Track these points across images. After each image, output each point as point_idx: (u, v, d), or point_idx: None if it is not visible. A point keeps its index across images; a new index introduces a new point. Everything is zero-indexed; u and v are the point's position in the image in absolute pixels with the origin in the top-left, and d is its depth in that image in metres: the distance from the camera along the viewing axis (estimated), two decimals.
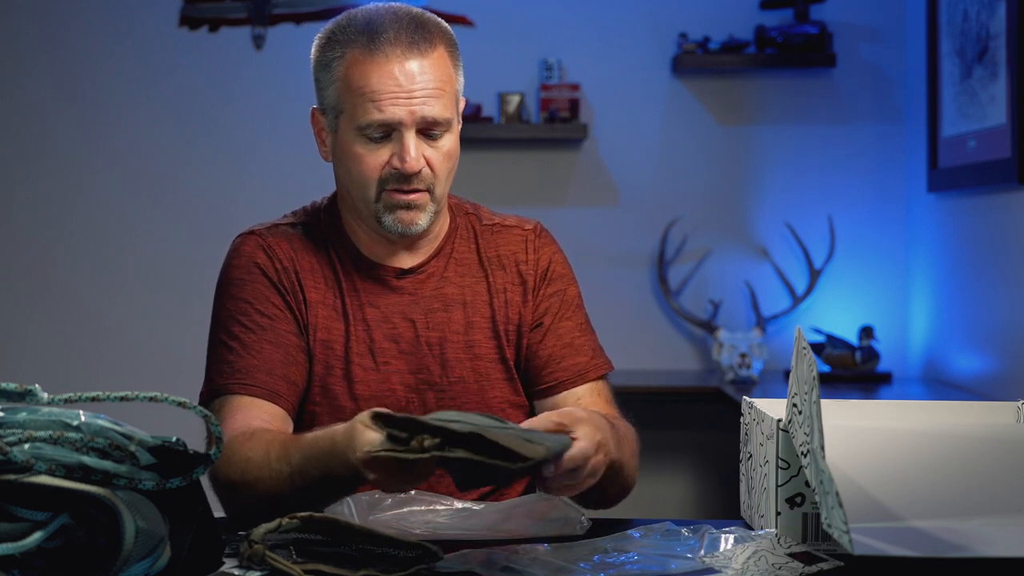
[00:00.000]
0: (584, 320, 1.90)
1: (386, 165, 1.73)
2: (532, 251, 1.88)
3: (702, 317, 4.00)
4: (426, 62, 1.71)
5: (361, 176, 1.74)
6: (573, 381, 1.85)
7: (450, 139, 1.76)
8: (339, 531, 1.34)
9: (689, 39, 3.97)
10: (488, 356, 1.83)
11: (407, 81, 1.70)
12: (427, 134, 1.73)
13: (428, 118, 1.71)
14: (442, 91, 1.72)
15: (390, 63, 1.70)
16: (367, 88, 1.70)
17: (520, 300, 1.85)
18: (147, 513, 1.19)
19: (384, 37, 1.71)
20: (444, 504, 1.63)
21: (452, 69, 1.76)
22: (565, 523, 1.56)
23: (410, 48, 1.71)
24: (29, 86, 4.07)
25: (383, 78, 1.70)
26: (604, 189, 4.06)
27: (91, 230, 4.09)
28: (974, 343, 3.53)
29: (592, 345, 1.89)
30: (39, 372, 4.03)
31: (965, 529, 1.35)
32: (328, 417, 1.75)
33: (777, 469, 1.48)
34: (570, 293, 1.89)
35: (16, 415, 1.18)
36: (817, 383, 1.31)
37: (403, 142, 1.71)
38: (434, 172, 1.74)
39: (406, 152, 1.71)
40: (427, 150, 1.73)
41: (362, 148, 1.73)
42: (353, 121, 1.72)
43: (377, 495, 1.61)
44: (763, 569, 1.36)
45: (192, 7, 4.06)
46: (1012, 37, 3.20)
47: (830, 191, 4.03)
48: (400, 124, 1.71)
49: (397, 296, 1.82)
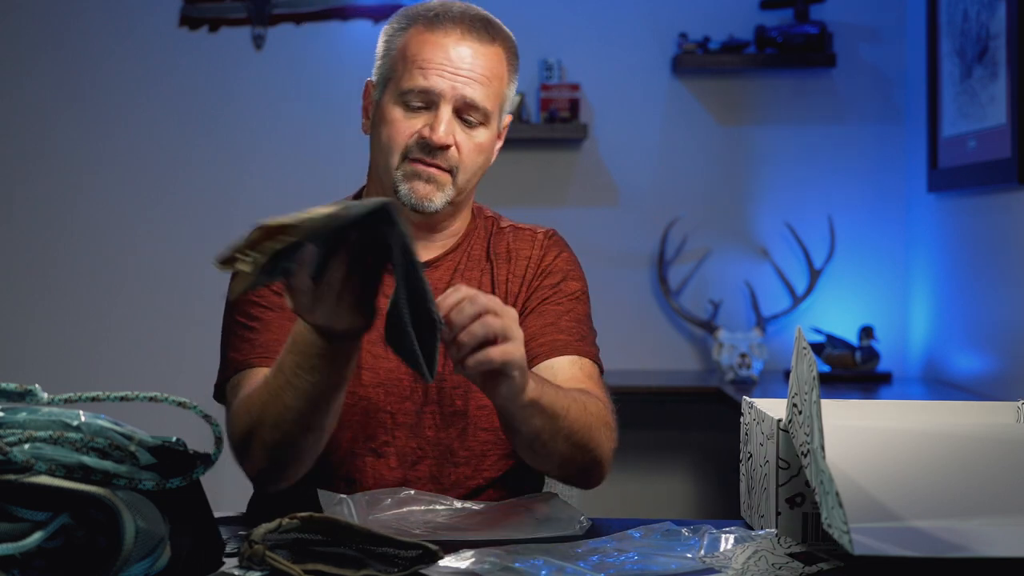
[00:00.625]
0: (580, 313, 1.87)
1: (416, 134, 1.75)
2: (538, 248, 1.89)
3: (702, 317, 4.00)
4: (480, 49, 1.77)
5: (390, 140, 1.77)
6: (548, 354, 1.79)
7: (484, 134, 1.79)
8: (339, 531, 1.34)
9: (689, 39, 3.97)
10: None
11: (457, 59, 1.75)
12: (464, 119, 1.76)
13: (467, 99, 1.75)
14: (488, 81, 1.77)
15: (447, 38, 1.76)
16: (419, 56, 1.76)
17: (517, 290, 1.86)
18: (147, 513, 1.19)
19: (448, 17, 1.78)
20: (444, 504, 1.63)
21: (504, 72, 1.81)
22: (565, 523, 1.56)
23: (469, 32, 1.77)
24: (29, 86, 4.07)
25: (436, 50, 1.75)
26: (604, 189, 4.06)
27: (91, 230, 4.09)
28: (974, 343, 3.53)
29: (581, 332, 1.84)
30: (39, 372, 4.03)
31: (965, 529, 1.35)
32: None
33: (777, 469, 1.48)
34: (569, 287, 1.88)
35: (16, 415, 1.18)
36: (817, 383, 1.31)
37: (438, 114, 1.75)
38: (461, 157, 1.77)
39: (438, 123, 1.74)
40: (459, 133, 1.76)
41: (399, 113, 1.77)
42: (398, 87, 1.77)
43: (377, 495, 1.62)
44: (763, 569, 1.36)
45: (192, 7, 4.06)
46: (1012, 37, 3.20)
47: (830, 191, 4.03)
48: (439, 96, 1.74)
49: None
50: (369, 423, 1.78)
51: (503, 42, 1.81)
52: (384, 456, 1.78)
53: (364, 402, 1.79)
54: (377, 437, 1.78)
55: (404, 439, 1.79)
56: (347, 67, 4.04)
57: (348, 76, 4.04)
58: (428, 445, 1.80)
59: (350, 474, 1.78)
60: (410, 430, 1.80)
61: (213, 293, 4.37)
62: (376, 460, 1.78)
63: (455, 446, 1.81)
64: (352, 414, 1.77)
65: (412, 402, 1.80)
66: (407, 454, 1.78)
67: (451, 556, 1.34)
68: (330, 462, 1.78)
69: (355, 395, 1.77)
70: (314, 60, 4.06)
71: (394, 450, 1.78)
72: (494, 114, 1.80)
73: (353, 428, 1.78)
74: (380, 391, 1.79)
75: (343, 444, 1.78)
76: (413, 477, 1.79)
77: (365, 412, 1.78)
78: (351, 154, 4.05)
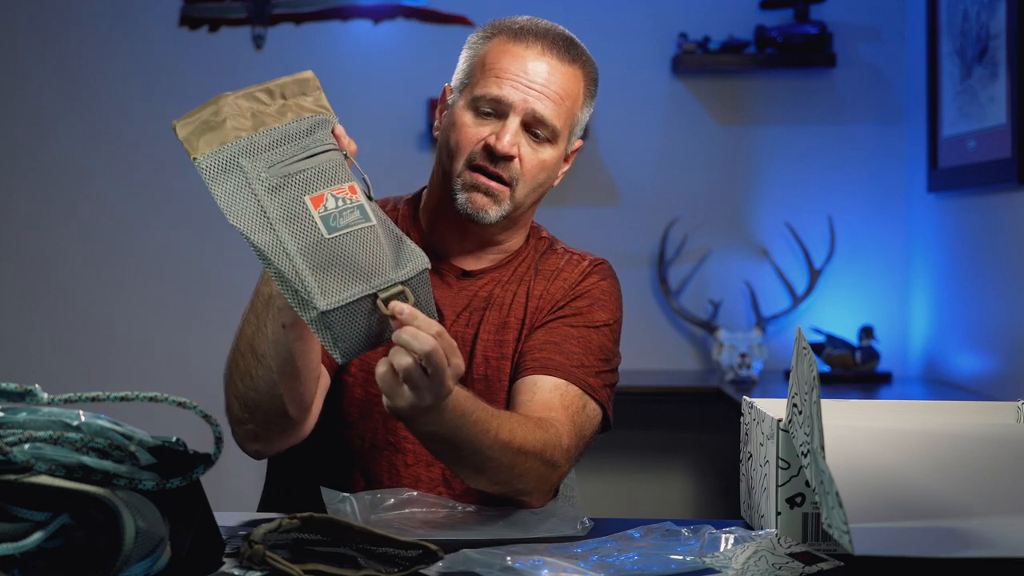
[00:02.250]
0: (593, 344, 1.80)
1: (482, 140, 1.76)
2: (580, 273, 1.88)
3: (702, 317, 4.00)
4: (559, 67, 1.79)
5: (457, 144, 1.78)
6: (536, 370, 1.75)
7: (550, 152, 1.79)
8: (339, 531, 1.34)
9: (689, 39, 3.97)
10: (514, 356, 1.84)
11: (534, 72, 1.77)
12: (531, 132, 1.77)
13: (537, 114, 1.76)
14: (561, 100, 1.78)
15: (528, 51, 1.78)
16: (496, 65, 1.77)
17: (547, 307, 1.84)
18: (147, 513, 1.19)
19: (533, 32, 1.80)
20: (445, 505, 1.63)
21: (580, 94, 1.82)
22: (567, 523, 1.56)
23: (550, 49, 1.79)
24: (29, 86, 4.07)
25: (514, 61, 1.77)
26: (604, 189, 4.06)
27: (90, 229, 4.09)
28: (974, 343, 3.53)
29: (584, 361, 1.78)
30: (39, 372, 4.03)
31: (965, 529, 1.35)
32: (360, 389, 1.79)
33: (777, 469, 1.48)
34: (594, 314, 1.83)
35: (16, 415, 1.18)
36: (817, 383, 1.31)
37: (505, 123, 1.75)
38: (523, 170, 1.77)
39: (504, 132, 1.75)
40: (525, 146, 1.77)
41: (469, 118, 1.78)
42: (472, 92, 1.78)
43: (379, 495, 1.62)
44: (763, 569, 1.36)
45: (192, 7, 4.06)
46: (1012, 37, 3.20)
47: (830, 191, 4.03)
48: (510, 106, 1.75)
49: (453, 292, 1.84)
50: (388, 419, 1.79)
51: (583, 66, 1.82)
52: (402, 452, 1.80)
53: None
54: (396, 433, 1.80)
55: None
56: (347, 67, 4.05)
57: (348, 76, 4.05)
58: None
59: (367, 468, 1.80)
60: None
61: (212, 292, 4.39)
62: (393, 456, 1.80)
63: None
64: (372, 410, 1.79)
65: None
66: (423, 454, 1.79)
67: (451, 556, 1.34)
68: (350, 454, 1.79)
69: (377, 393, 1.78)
70: (314, 60, 4.06)
71: (411, 447, 1.79)
72: (563, 134, 1.80)
73: (373, 423, 1.80)
74: None
75: (366, 437, 1.80)
76: (427, 477, 1.80)
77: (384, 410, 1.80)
78: None
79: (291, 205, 1.40)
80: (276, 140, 1.44)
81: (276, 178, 1.41)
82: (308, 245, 1.39)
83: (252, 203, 1.39)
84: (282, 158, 1.42)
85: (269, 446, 1.67)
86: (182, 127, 1.41)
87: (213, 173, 1.40)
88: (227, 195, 1.40)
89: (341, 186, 1.44)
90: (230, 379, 1.62)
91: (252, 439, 1.65)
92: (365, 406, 1.80)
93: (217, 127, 1.41)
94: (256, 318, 1.56)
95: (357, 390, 1.79)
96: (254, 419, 1.61)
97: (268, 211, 1.39)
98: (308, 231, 1.39)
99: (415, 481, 1.79)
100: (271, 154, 1.42)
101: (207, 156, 1.40)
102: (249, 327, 1.57)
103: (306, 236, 1.39)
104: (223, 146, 1.41)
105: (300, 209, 1.40)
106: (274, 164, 1.42)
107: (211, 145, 1.40)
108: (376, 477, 1.80)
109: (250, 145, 1.42)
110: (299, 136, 1.45)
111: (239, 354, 1.59)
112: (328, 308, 1.37)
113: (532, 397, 1.72)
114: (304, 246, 1.39)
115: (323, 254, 1.39)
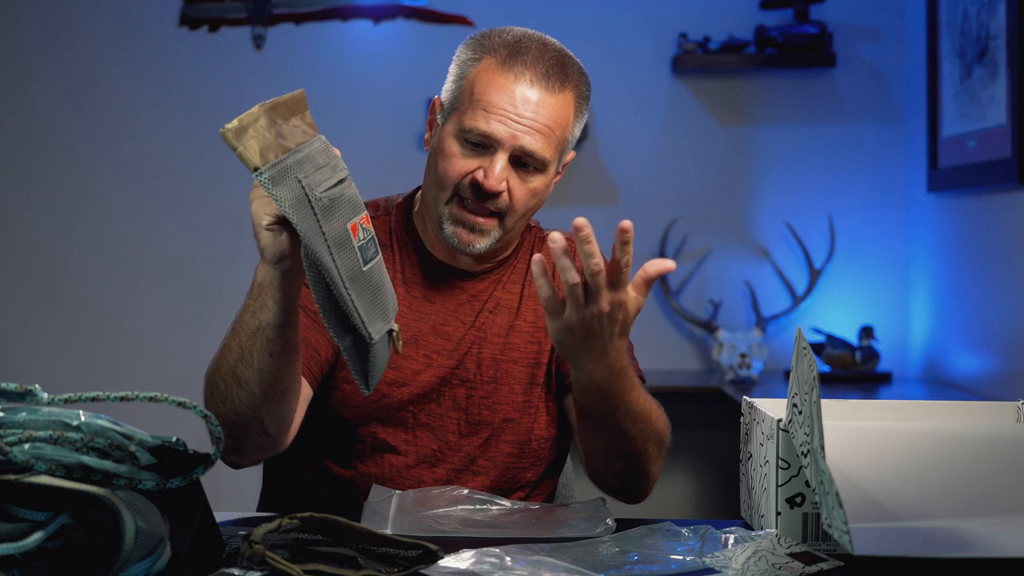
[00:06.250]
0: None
1: (470, 175, 1.74)
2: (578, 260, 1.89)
3: (702, 317, 4.00)
4: (549, 99, 1.74)
5: (444, 175, 1.76)
6: None
7: (540, 180, 1.77)
8: (339, 531, 1.34)
9: (689, 39, 3.97)
10: (524, 359, 1.85)
11: (523, 106, 1.73)
12: (520, 164, 1.75)
13: (525, 149, 1.73)
14: (551, 132, 1.75)
15: (516, 83, 1.73)
16: (484, 97, 1.73)
17: None
18: (147, 513, 1.19)
19: (523, 59, 1.74)
20: (498, 504, 1.64)
21: (572, 117, 1.79)
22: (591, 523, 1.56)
23: (541, 79, 1.74)
24: (29, 87, 4.07)
25: (503, 93, 1.73)
26: (604, 189, 4.06)
27: (90, 229, 4.08)
28: (974, 343, 3.53)
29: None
30: (39, 372, 4.03)
31: (965, 529, 1.35)
32: (358, 396, 1.78)
33: (777, 469, 1.48)
34: None
35: (16, 415, 1.18)
36: (817, 383, 1.31)
37: (493, 159, 1.73)
38: (512, 203, 1.76)
39: (492, 169, 1.72)
40: (513, 179, 1.75)
41: (457, 149, 1.75)
42: (460, 121, 1.75)
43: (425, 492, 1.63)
44: (763, 569, 1.36)
45: (192, 7, 4.06)
46: (1012, 37, 3.20)
47: (830, 191, 4.03)
48: (498, 142, 1.73)
49: (456, 294, 1.85)
50: (391, 419, 1.79)
51: (575, 88, 1.79)
52: (403, 454, 1.81)
53: (387, 399, 1.81)
54: (397, 435, 1.81)
55: (426, 439, 1.81)
56: (347, 67, 4.05)
57: (348, 76, 4.05)
58: (449, 449, 1.82)
59: (369, 470, 1.80)
60: (432, 432, 1.81)
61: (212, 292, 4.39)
62: (395, 458, 1.81)
63: (476, 455, 1.82)
64: (375, 409, 1.80)
65: (438, 405, 1.82)
66: (427, 455, 1.80)
67: (451, 556, 1.34)
68: (351, 456, 1.80)
69: (378, 391, 1.79)
70: (314, 60, 4.06)
71: (414, 449, 1.80)
72: (553, 161, 1.78)
73: (373, 427, 1.81)
74: (404, 391, 1.81)
75: (367, 441, 1.81)
76: (430, 479, 1.81)
77: (387, 408, 1.80)
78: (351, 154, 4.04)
79: (339, 231, 1.40)
80: (310, 159, 1.41)
81: (327, 200, 1.39)
82: (353, 274, 1.40)
83: (313, 222, 1.37)
84: (322, 180, 1.40)
85: (247, 459, 1.67)
86: (234, 136, 1.36)
87: (276, 184, 1.36)
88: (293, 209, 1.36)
89: (364, 214, 1.46)
90: (209, 398, 1.58)
91: (231, 452, 1.64)
92: (366, 410, 1.80)
93: (269, 140, 1.37)
94: (240, 347, 1.52)
95: (359, 395, 1.79)
96: (233, 437, 1.60)
97: (326, 233, 1.38)
98: (352, 260, 1.40)
99: (417, 482, 1.80)
100: (317, 174, 1.40)
101: (269, 167, 1.36)
102: (231, 355, 1.53)
103: (352, 265, 1.40)
104: (280, 158, 1.37)
105: (345, 236, 1.40)
106: (320, 184, 1.40)
107: (268, 157, 1.36)
108: (378, 479, 1.80)
109: (299, 161, 1.39)
110: (324, 157, 1.44)
111: (219, 378, 1.55)
112: (375, 340, 1.39)
113: None
114: (351, 274, 1.40)
115: (362, 285, 1.40)
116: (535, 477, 1.88)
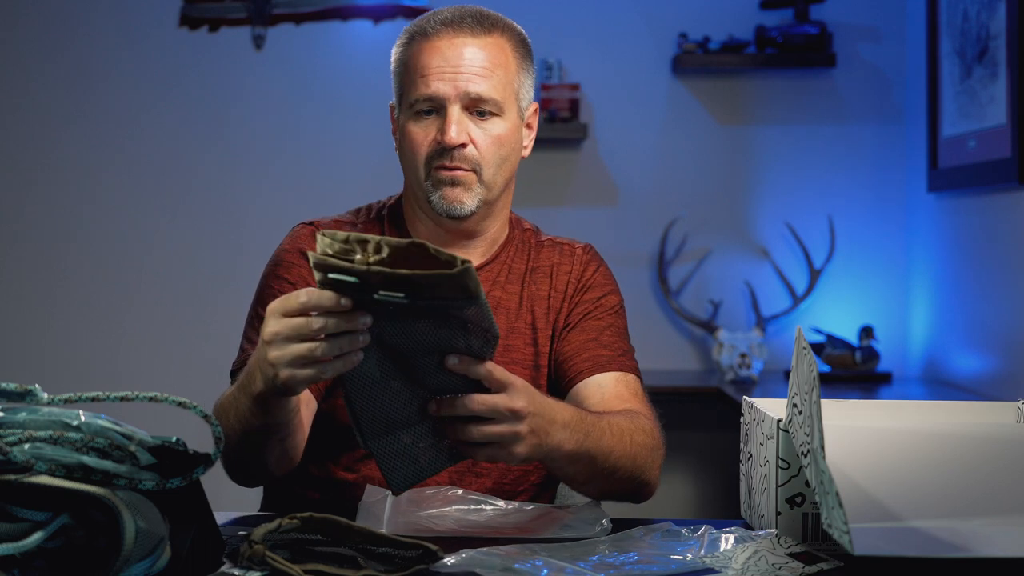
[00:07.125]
0: (620, 328, 1.90)
1: (432, 140, 1.76)
2: (577, 263, 1.91)
3: (702, 317, 4.00)
4: (478, 42, 1.77)
5: (412, 154, 1.78)
6: (592, 370, 1.82)
7: (501, 124, 1.78)
8: (339, 531, 1.34)
9: (689, 39, 3.97)
10: (524, 362, 1.85)
11: (455, 57, 1.75)
12: (476, 113, 1.76)
13: (472, 94, 1.75)
14: (491, 72, 1.76)
15: (440, 41, 1.76)
16: (418, 65, 1.77)
17: (559, 306, 1.88)
18: (147, 513, 1.19)
19: (440, 21, 1.78)
20: (491, 505, 1.64)
21: (509, 60, 1.79)
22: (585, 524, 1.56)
23: (463, 29, 1.77)
24: (29, 87, 4.07)
25: (432, 54, 1.76)
26: (604, 189, 4.06)
27: (90, 229, 4.08)
28: (974, 343, 3.53)
29: (623, 347, 1.88)
30: (39, 372, 4.03)
31: (965, 529, 1.35)
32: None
33: (777, 469, 1.48)
34: (609, 301, 1.90)
35: (16, 415, 1.18)
36: (817, 383, 1.31)
37: (447, 116, 1.75)
38: (480, 151, 1.77)
39: (448, 125, 1.74)
40: (474, 130, 1.76)
41: (414, 125, 1.78)
42: (407, 100, 1.78)
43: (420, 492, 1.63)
44: (763, 569, 1.36)
45: (192, 7, 4.06)
46: (1012, 37, 3.20)
47: (830, 191, 4.03)
48: (444, 98, 1.75)
49: None
50: None
51: (503, 31, 1.80)
52: None
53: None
54: None
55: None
56: (347, 67, 4.05)
57: (348, 76, 4.05)
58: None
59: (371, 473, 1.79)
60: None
61: (212, 292, 4.38)
62: None
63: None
64: None
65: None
66: None
67: (451, 556, 1.34)
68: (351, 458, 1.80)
69: None
70: (314, 60, 4.06)
71: None
72: (508, 103, 1.79)
73: None
74: None
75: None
76: (432, 480, 1.80)
77: None
78: (351, 154, 4.05)
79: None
80: None
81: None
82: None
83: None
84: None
85: (252, 483, 1.73)
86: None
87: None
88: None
89: None
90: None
91: (237, 475, 1.70)
92: None
93: None
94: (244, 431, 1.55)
95: None
96: (238, 470, 1.67)
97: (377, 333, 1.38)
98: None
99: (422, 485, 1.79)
100: None
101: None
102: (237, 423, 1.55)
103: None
104: None
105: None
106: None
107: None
108: (379, 481, 1.79)
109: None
110: None
111: (222, 424, 1.56)
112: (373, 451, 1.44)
113: (602, 395, 1.77)
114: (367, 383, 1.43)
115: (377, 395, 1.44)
116: (538, 480, 1.88)
